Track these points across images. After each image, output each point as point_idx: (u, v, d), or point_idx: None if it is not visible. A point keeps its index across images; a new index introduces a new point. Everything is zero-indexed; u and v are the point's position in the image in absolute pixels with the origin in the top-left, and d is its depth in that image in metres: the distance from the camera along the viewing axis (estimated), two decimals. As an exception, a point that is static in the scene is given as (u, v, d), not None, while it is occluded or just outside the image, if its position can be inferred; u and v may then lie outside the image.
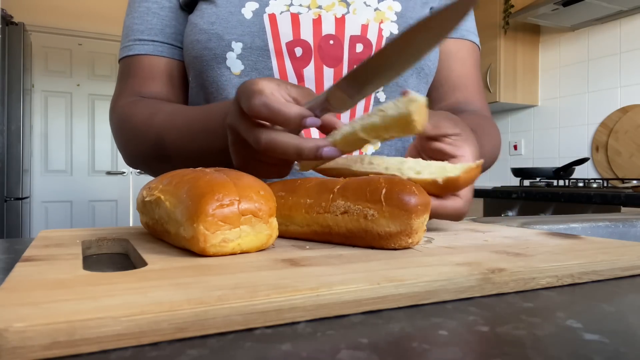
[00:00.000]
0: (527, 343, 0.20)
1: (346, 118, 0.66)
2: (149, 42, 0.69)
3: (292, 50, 0.63)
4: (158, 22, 0.69)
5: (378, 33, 0.65)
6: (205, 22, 0.63)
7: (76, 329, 0.19)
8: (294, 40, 0.63)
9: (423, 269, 0.28)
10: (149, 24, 0.69)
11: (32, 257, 0.30)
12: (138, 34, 0.69)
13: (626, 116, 2.38)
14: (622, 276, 0.33)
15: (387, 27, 0.65)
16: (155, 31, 0.69)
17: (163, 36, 0.69)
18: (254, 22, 0.62)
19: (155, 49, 0.69)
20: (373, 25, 0.65)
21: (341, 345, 0.20)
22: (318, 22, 0.64)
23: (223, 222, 0.31)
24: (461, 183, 0.43)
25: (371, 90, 0.40)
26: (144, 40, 0.69)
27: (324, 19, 0.64)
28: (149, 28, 0.69)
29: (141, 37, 0.69)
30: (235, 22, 0.62)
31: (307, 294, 0.23)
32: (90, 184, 3.94)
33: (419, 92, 0.73)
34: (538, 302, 0.26)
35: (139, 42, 0.69)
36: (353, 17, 0.64)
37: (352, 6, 0.65)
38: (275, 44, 0.63)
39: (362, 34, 0.64)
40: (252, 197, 0.33)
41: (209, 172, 0.35)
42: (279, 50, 0.63)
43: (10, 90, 3.18)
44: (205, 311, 0.21)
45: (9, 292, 0.22)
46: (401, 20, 0.66)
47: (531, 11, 2.39)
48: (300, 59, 0.63)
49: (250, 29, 0.62)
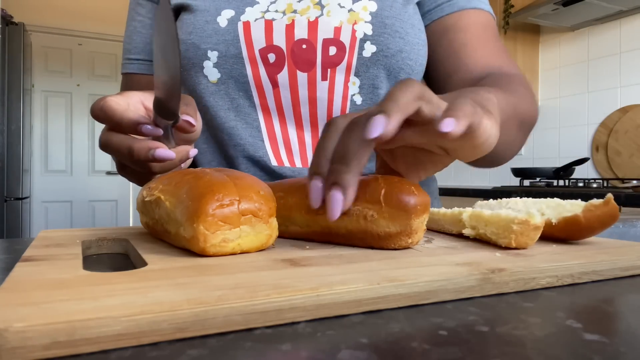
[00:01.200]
0: (527, 343, 0.20)
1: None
2: (135, 61, 0.74)
3: (266, 56, 0.63)
4: (141, 40, 0.74)
5: (351, 34, 0.64)
6: (184, 32, 0.65)
7: (76, 329, 0.19)
8: (267, 47, 0.63)
9: (423, 269, 0.28)
10: (135, 43, 0.74)
11: (32, 257, 0.30)
12: (127, 53, 0.75)
13: (626, 116, 2.38)
14: (622, 276, 0.33)
15: (361, 29, 0.64)
16: (139, 49, 0.74)
17: (145, 54, 0.74)
18: (228, 31, 0.63)
19: (138, 68, 0.74)
20: (346, 27, 0.64)
21: (341, 345, 0.20)
22: (291, 27, 0.63)
23: (223, 222, 0.31)
24: (583, 225, 0.37)
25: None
26: (131, 59, 0.74)
27: (297, 23, 0.63)
28: (135, 47, 0.74)
29: (129, 56, 0.74)
30: (210, 31, 0.63)
31: (307, 294, 0.23)
32: (90, 184, 3.94)
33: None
34: (538, 302, 0.26)
35: (127, 61, 0.75)
36: (326, 20, 0.64)
37: (326, 8, 0.64)
38: (249, 51, 0.63)
39: (335, 37, 0.64)
40: (252, 197, 0.33)
41: (209, 172, 0.35)
42: (252, 58, 0.63)
43: (10, 90, 3.18)
44: (205, 311, 0.21)
45: (9, 292, 0.22)
46: (376, 20, 0.64)
47: (531, 11, 2.39)
48: (274, 64, 0.63)
49: (224, 37, 0.63)
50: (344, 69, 0.64)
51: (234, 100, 0.65)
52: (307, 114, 0.66)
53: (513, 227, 0.35)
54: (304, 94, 0.65)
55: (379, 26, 0.64)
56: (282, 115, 0.66)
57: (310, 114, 0.66)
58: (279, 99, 0.65)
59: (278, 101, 0.65)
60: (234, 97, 0.65)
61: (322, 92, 0.65)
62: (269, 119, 0.66)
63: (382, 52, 0.64)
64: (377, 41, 0.64)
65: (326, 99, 0.65)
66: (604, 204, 0.37)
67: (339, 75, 0.64)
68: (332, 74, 0.64)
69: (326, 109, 0.66)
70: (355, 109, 0.66)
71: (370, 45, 0.64)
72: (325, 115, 0.66)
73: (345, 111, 0.66)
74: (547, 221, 0.38)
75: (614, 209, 0.37)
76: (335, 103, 0.66)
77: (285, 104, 0.65)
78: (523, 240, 0.35)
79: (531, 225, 0.35)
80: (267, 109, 0.66)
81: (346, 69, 0.64)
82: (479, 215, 0.38)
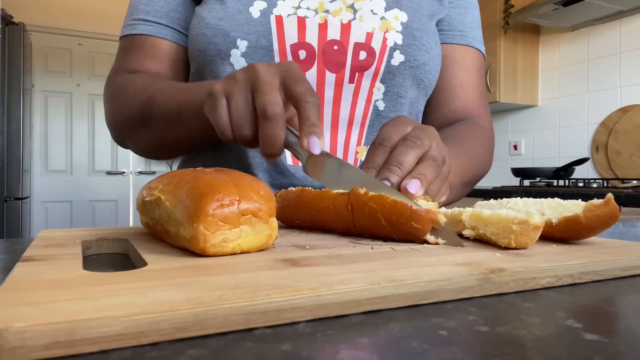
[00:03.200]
0: (527, 343, 0.20)
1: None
2: (154, 23, 0.68)
3: (297, 52, 0.63)
4: (165, 5, 0.69)
5: (382, 42, 0.65)
6: (213, 17, 0.63)
7: (76, 329, 0.18)
8: (299, 43, 0.63)
9: (423, 269, 0.28)
10: (156, 6, 0.68)
11: (32, 257, 0.30)
12: (143, 14, 0.69)
13: (626, 116, 2.38)
14: (622, 276, 0.33)
15: (392, 37, 0.66)
16: (161, 13, 0.68)
17: (168, 20, 0.69)
18: (261, 22, 0.62)
19: (159, 31, 0.68)
20: (378, 33, 0.65)
21: (341, 345, 0.20)
22: (324, 27, 0.64)
23: (223, 222, 0.31)
24: (584, 225, 0.36)
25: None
26: (148, 21, 0.68)
27: (330, 24, 0.64)
28: (155, 10, 0.68)
29: (146, 17, 0.68)
30: (242, 20, 0.62)
31: (308, 294, 0.23)
32: (90, 184, 3.94)
33: (417, 104, 0.72)
34: (538, 302, 0.26)
35: (142, 22, 0.69)
36: (359, 24, 0.65)
37: (359, 13, 0.65)
38: (280, 45, 0.63)
39: (367, 42, 0.65)
40: (252, 197, 0.33)
41: (209, 172, 0.35)
42: (283, 52, 0.63)
43: (10, 90, 3.18)
44: (205, 311, 0.21)
45: (9, 292, 0.22)
46: (406, 31, 0.66)
47: (531, 11, 2.39)
48: (304, 62, 0.64)
49: (256, 28, 0.62)
50: (371, 75, 0.65)
51: None
52: (329, 114, 0.66)
53: (512, 227, 0.35)
54: (329, 94, 0.65)
55: (409, 37, 0.66)
56: None
57: (332, 115, 0.66)
58: None
59: None
60: None
61: (348, 95, 0.66)
62: None
63: (409, 63, 0.66)
64: (406, 51, 0.66)
65: (350, 102, 0.66)
66: (604, 204, 0.37)
67: (365, 79, 0.65)
68: (360, 78, 0.65)
69: (349, 111, 0.66)
70: (377, 115, 0.68)
71: (399, 54, 0.66)
72: (347, 117, 0.66)
73: (367, 116, 0.67)
74: (547, 221, 0.38)
75: (615, 209, 0.37)
76: (359, 107, 0.66)
77: None
78: (523, 240, 0.35)
79: (530, 225, 0.34)
80: None
81: (373, 74, 0.66)
82: (479, 216, 0.38)
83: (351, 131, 0.68)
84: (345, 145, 0.68)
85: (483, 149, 0.70)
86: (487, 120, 0.77)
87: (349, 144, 0.68)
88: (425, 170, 0.43)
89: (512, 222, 0.35)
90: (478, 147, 0.69)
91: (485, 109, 0.78)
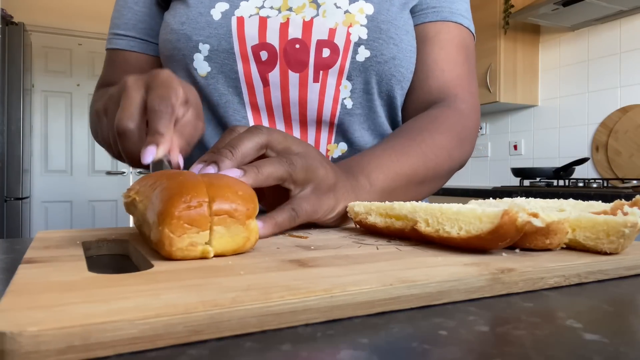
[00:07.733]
0: (527, 343, 0.20)
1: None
2: (123, 36, 0.71)
3: (258, 54, 0.62)
4: (132, 16, 0.71)
5: (346, 37, 0.63)
6: (176, 22, 0.63)
7: (91, 333, 0.18)
8: (260, 44, 0.62)
9: (433, 270, 0.28)
10: (125, 19, 0.71)
11: (34, 259, 0.30)
12: (115, 28, 0.72)
13: (626, 116, 2.38)
14: (626, 275, 0.33)
15: (356, 32, 0.63)
16: (129, 26, 0.71)
17: (136, 31, 0.71)
18: (222, 24, 0.62)
19: (127, 44, 0.71)
20: (341, 29, 0.62)
21: (341, 345, 0.20)
22: (285, 26, 0.62)
23: (190, 225, 0.29)
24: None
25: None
26: (118, 34, 0.71)
27: (292, 22, 0.62)
28: (124, 23, 0.71)
29: (117, 31, 0.71)
30: (203, 23, 0.62)
31: (321, 295, 0.23)
32: (90, 184, 3.94)
33: (393, 99, 0.68)
34: (538, 302, 0.26)
35: (114, 37, 0.72)
36: (321, 21, 0.62)
37: (321, 8, 0.63)
38: (241, 47, 0.62)
39: (330, 38, 0.63)
40: (229, 197, 0.31)
41: (185, 173, 0.34)
42: (244, 54, 0.62)
43: (10, 90, 3.18)
44: (220, 313, 0.20)
45: (17, 295, 0.22)
46: (371, 24, 0.63)
47: (531, 11, 2.39)
48: (266, 62, 0.63)
49: (217, 30, 0.62)
50: (337, 72, 0.64)
51: (222, 95, 0.64)
52: (296, 114, 0.65)
53: (625, 232, 0.32)
54: (294, 95, 0.64)
55: (374, 31, 0.63)
56: (271, 114, 0.65)
57: (300, 115, 0.65)
58: (269, 97, 0.64)
59: (268, 100, 0.64)
60: (223, 93, 0.64)
61: (313, 94, 0.64)
62: (258, 117, 0.65)
63: (375, 58, 0.64)
64: (372, 46, 0.63)
65: (317, 101, 0.64)
66: (631, 205, 0.36)
67: (331, 78, 0.64)
68: (324, 76, 0.64)
69: (316, 111, 0.65)
70: (346, 113, 0.66)
71: (364, 49, 0.63)
72: (315, 117, 0.65)
73: (336, 114, 0.66)
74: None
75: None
76: (326, 106, 0.65)
77: (275, 103, 0.65)
78: (627, 244, 0.33)
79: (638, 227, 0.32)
80: (257, 107, 0.65)
81: (339, 72, 0.64)
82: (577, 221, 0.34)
83: (321, 130, 0.66)
84: (316, 145, 0.66)
85: (449, 138, 0.64)
86: (467, 101, 0.70)
87: (319, 143, 0.67)
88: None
89: (623, 226, 0.32)
90: (440, 138, 0.62)
91: (468, 88, 0.70)
